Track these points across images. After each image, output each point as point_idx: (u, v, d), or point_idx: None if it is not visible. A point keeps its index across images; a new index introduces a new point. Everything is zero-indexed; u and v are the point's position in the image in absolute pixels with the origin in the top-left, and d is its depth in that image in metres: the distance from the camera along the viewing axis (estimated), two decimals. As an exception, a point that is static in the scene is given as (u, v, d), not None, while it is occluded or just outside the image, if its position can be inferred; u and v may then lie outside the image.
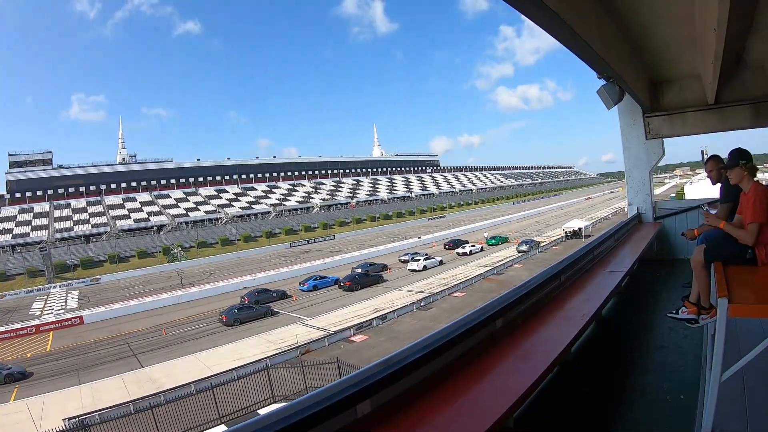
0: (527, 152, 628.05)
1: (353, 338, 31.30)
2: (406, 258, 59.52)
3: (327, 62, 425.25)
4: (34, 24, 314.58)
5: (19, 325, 47.41)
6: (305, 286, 50.15)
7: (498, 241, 67.26)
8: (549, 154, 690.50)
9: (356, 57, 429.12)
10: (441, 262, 55.41)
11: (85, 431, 19.27)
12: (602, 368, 4.66)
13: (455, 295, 39.67)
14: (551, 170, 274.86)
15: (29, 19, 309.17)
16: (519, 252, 55.84)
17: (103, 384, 28.32)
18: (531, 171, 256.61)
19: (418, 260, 55.34)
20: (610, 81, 7.50)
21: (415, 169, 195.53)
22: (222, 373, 25.72)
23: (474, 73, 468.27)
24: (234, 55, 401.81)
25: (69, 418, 21.75)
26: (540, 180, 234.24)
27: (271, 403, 22.28)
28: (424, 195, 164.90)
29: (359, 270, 53.58)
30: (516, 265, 48.76)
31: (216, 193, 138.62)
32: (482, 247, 63.39)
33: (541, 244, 58.80)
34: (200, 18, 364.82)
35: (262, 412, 20.95)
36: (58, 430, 19.91)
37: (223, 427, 20.53)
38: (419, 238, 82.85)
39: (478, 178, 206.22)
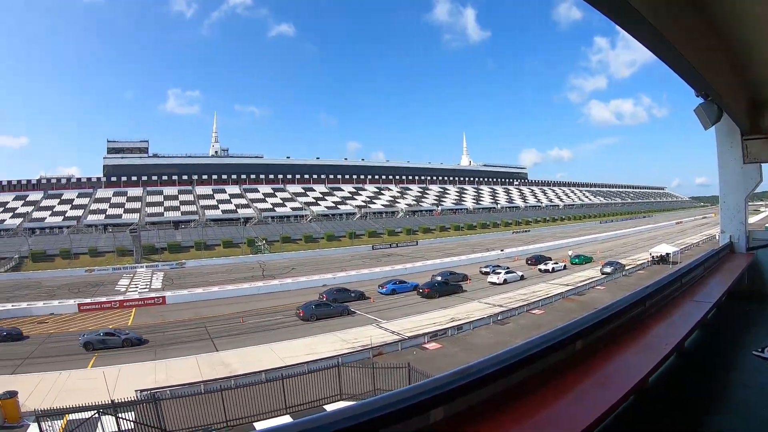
0: (618, 170, 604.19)
1: (427, 345, 30.77)
2: (487, 270, 58.29)
3: (418, 68, 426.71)
4: (135, 22, 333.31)
5: (104, 299, 50.12)
6: (384, 289, 50.00)
7: (582, 260, 64.94)
8: (640, 173, 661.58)
9: (447, 64, 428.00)
10: (522, 277, 54.05)
11: (155, 404, 19.67)
12: (680, 402, 4.24)
13: (533, 312, 38.44)
14: (642, 190, 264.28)
15: (130, 17, 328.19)
16: (602, 273, 53.50)
17: (177, 362, 29.11)
18: (621, 190, 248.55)
19: (499, 273, 54.17)
20: (708, 99, 6.89)
21: (503, 180, 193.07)
22: (294, 365, 25.75)
23: (566, 85, 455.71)
24: (325, 59, 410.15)
25: (141, 390, 22.36)
26: (629, 200, 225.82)
27: (338, 401, 22.15)
28: (509, 207, 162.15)
29: (439, 278, 52.98)
30: (598, 287, 46.76)
31: (303, 190, 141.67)
32: (565, 266, 61.38)
33: (626, 267, 56.33)
34: (294, 21, 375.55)
35: (328, 408, 20.94)
36: (128, 399, 20.48)
37: (288, 418, 20.56)
38: (502, 250, 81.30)
39: (566, 194, 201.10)
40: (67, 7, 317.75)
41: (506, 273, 54.12)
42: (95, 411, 19.20)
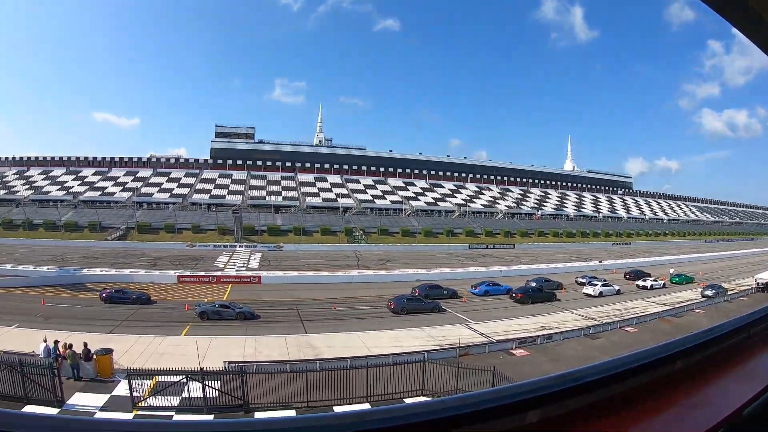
0: (728, 186, 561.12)
1: (514, 351, 29.84)
2: (584, 280, 56.04)
3: (522, 66, 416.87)
4: (243, 13, 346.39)
5: (202, 273, 52.41)
6: (477, 290, 49.02)
7: (682, 279, 61.11)
8: (752, 191, 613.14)
9: (553, 63, 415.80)
10: (618, 291, 51.44)
11: (241, 376, 20.00)
12: None
13: (626, 329, 36.44)
14: (752, 210, 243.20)
15: (239, 8, 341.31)
16: (703, 296, 49.82)
17: (266, 339, 29.60)
18: (729, 208, 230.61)
19: (595, 285, 51.91)
20: None
21: (606, 188, 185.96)
22: (379, 355, 25.76)
23: (676, 91, 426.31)
24: (429, 54, 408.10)
25: (229, 362, 22.97)
26: (738, 219, 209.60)
27: (419, 396, 21.82)
28: (611, 217, 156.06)
29: (533, 284, 51.49)
30: (697, 310, 43.74)
31: (404, 185, 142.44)
32: (664, 284, 57.82)
33: (729, 292, 52.40)
34: (400, 16, 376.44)
35: (409, 402, 20.62)
36: (216, 368, 20.98)
37: (367, 406, 20.38)
38: (600, 261, 77.82)
39: (671, 208, 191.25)
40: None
41: (602, 285, 51.95)
42: (184, 376, 19.77)
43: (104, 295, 39.44)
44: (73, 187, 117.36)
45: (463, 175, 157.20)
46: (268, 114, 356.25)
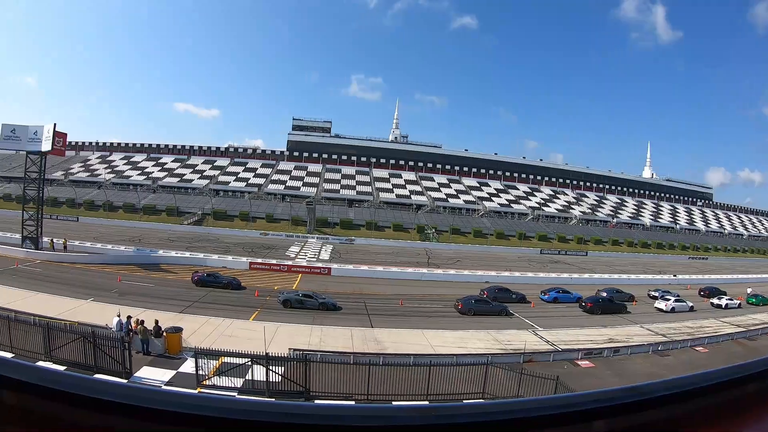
0: None
1: (579, 362, 29.11)
2: (656, 294, 54.20)
3: (601, 68, 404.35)
4: (320, 9, 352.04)
5: (274, 261, 53.61)
6: (546, 296, 48.28)
7: (759, 301, 57.79)
8: None
9: (633, 65, 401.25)
10: (691, 308, 49.32)
11: (305, 364, 20.26)
12: None
13: (697, 349, 34.85)
14: None
15: (315, 3, 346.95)
16: None
17: (332, 330, 29.91)
18: None
19: (668, 300, 49.97)
20: None
21: (685, 198, 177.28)
22: (443, 355, 25.69)
23: (762, 97, 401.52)
24: (507, 54, 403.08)
25: (294, 349, 23.29)
26: None
27: (480, 399, 21.54)
28: (689, 230, 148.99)
29: (604, 294, 50.03)
30: None
31: (478, 184, 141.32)
32: (740, 304, 55.13)
33: None
34: (477, 14, 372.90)
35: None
36: (281, 354, 21.34)
37: (426, 404, 20.33)
38: (674, 276, 74.90)
39: (753, 223, 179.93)
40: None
41: (675, 301, 50.00)
42: (249, 359, 20.23)
43: (196, 278, 40.98)
44: (153, 172, 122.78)
45: (538, 177, 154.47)
46: (344, 109, 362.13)
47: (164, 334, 23.41)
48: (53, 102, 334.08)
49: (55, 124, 46.95)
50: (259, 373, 20.07)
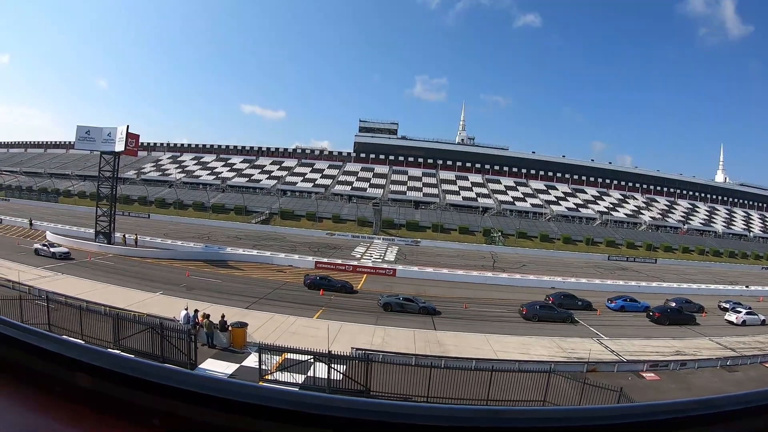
0: None
1: (644, 374, 28.25)
2: (727, 306, 51.82)
3: (670, 65, 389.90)
4: (381, 10, 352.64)
5: (339, 261, 54.19)
6: (613, 304, 46.99)
7: None
8: None
9: (702, 62, 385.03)
10: (763, 322, 47.04)
11: (366, 363, 20.41)
12: None
13: (767, 365, 33.53)
14: None
15: (376, 5, 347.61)
16: None
17: (395, 331, 30.01)
18: None
19: (739, 312, 47.65)
20: None
21: (760, 205, 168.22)
22: (505, 360, 25.31)
23: None
24: (572, 52, 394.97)
25: (356, 348, 23.59)
26: None
27: (541, 407, 21.21)
28: (763, 238, 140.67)
29: (673, 304, 48.30)
30: None
31: (546, 188, 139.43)
32: None
33: None
34: (541, 12, 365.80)
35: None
36: (343, 353, 21.58)
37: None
38: (747, 287, 71.32)
39: None
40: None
41: (747, 313, 47.79)
42: (311, 356, 20.49)
43: (308, 281, 41.96)
44: (222, 172, 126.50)
45: (607, 181, 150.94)
46: (409, 110, 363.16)
47: (230, 328, 24.05)
48: (125, 104, 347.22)
49: (128, 126, 48.87)
50: (320, 370, 20.34)
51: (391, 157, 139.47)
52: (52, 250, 43.50)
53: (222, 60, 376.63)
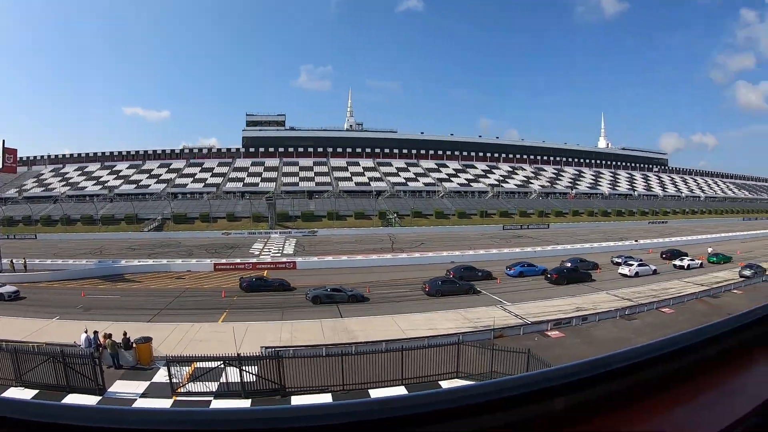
0: None
1: (549, 333, 29.69)
2: (619, 260, 55.39)
3: (550, 42, 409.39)
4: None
5: (238, 260, 53.47)
6: (511, 271, 48.83)
7: (720, 259, 59.52)
8: None
9: (580, 39, 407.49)
10: (654, 272, 50.52)
11: (278, 361, 20.28)
12: None
13: (663, 310, 35.77)
14: None
15: None
16: (741, 276, 48.49)
17: (302, 324, 29.92)
18: None
19: (631, 265, 51.20)
20: None
21: (641, 166, 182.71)
22: (414, 338, 25.84)
23: (708, 64, 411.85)
24: (455, 33, 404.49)
25: (266, 347, 23.32)
26: None
27: (454, 378, 21.85)
28: (647, 195, 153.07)
29: (568, 264, 51.04)
30: (735, 291, 42.65)
31: (436, 166, 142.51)
32: (701, 263, 56.67)
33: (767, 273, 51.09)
34: None
35: (444, 385, 20.75)
36: (254, 354, 21.33)
37: (403, 389, 20.58)
38: (636, 241, 76.72)
39: (708, 185, 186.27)
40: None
41: (639, 265, 51.23)
42: (221, 362, 20.15)
43: (245, 284, 40.99)
44: (108, 181, 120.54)
45: (496, 155, 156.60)
46: (296, 101, 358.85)
47: (134, 345, 22.99)
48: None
49: (3, 141, 45.69)
50: (233, 374, 20.02)
51: (281, 149, 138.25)
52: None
53: (100, 60, 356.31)
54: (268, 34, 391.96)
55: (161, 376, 21.19)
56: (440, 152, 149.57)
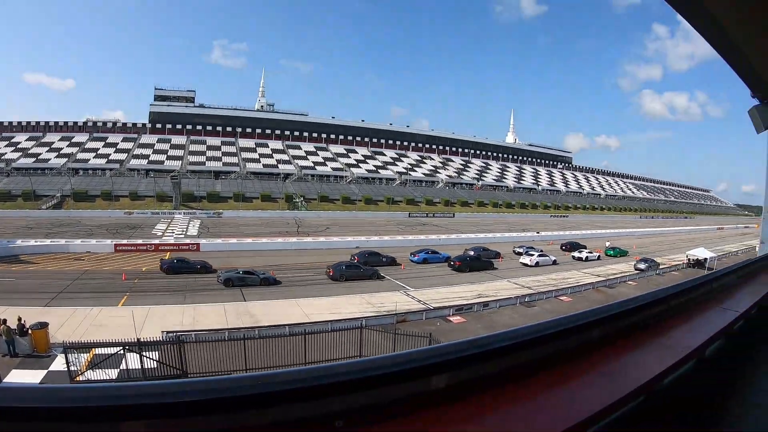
0: (665, 165, 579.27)
1: (451, 318, 30.78)
2: (521, 250, 57.95)
3: (467, 38, 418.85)
4: None
5: (140, 241, 52.00)
6: (416, 258, 50.02)
7: (617, 253, 63.61)
8: (687, 172, 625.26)
9: (497, 37, 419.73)
10: (554, 262, 53.41)
11: (179, 346, 20.24)
12: (691, 410, 4.15)
13: (561, 298, 37.99)
14: (686, 190, 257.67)
15: None
16: (636, 269, 52.37)
17: (205, 308, 29.80)
18: (665, 186, 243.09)
19: (532, 255, 53.77)
20: (764, 102, 6.60)
21: (546, 162, 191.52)
22: (317, 322, 26.12)
23: (618, 71, 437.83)
24: (373, 20, 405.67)
25: (167, 332, 23.08)
26: (673, 198, 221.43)
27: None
28: (550, 190, 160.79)
29: (472, 252, 52.91)
30: (630, 282, 45.71)
31: (346, 152, 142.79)
32: (599, 256, 60.22)
33: (661, 266, 54.72)
34: None
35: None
36: (154, 339, 21.16)
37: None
38: (538, 233, 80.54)
39: (609, 184, 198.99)
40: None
41: (539, 256, 53.85)
42: (121, 348, 19.83)
43: (165, 266, 40.17)
44: (5, 154, 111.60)
45: (405, 143, 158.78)
46: (208, 77, 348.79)
47: (30, 331, 21.95)
48: None
49: None
50: (133, 360, 19.73)
51: (189, 127, 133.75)
52: None
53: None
54: (180, 3, 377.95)
55: (59, 363, 20.46)
56: (350, 138, 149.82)
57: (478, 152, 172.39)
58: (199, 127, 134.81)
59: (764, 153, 9.51)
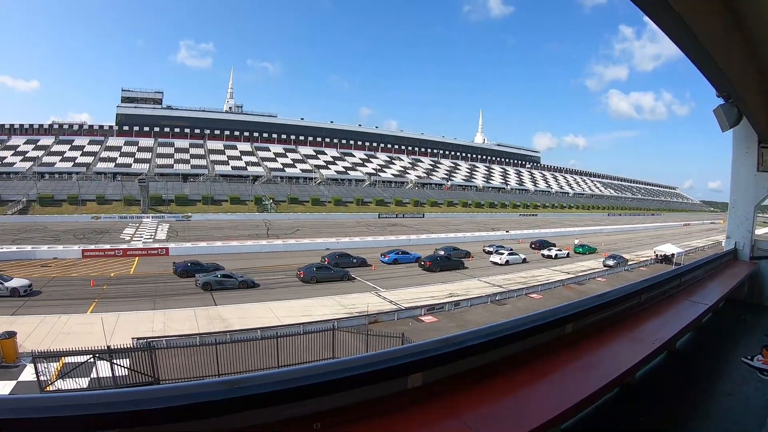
0: (632, 164, 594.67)
1: (423, 318, 30.98)
2: (491, 249, 58.36)
3: (435, 39, 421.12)
4: None
5: (108, 246, 50.96)
6: (386, 258, 50.23)
7: (586, 250, 64.75)
8: (654, 170, 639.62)
9: (466, 37, 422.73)
10: (524, 260, 54.00)
11: (150, 353, 19.98)
12: (663, 401, 4.27)
13: (532, 296, 38.46)
14: (653, 188, 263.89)
15: None
16: (605, 266, 53.46)
17: (175, 313, 29.48)
18: (632, 184, 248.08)
19: (502, 254, 54.22)
20: (729, 101, 6.78)
21: (515, 162, 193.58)
22: (289, 325, 26.15)
23: (585, 71, 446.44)
24: (342, 20, 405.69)
25: (138, 338, 22.69)
26: (640, 196, 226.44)
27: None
28: (519, 190, 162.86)
29: (442, 252, 53.26)
30: (599, 279, 46.43)
31: (315, 153, 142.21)
32: (568, 253, 61.28)
33: (629, 262, 55.86)
34: None
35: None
36: (125, 346, 20.80)
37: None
38: (507, 231, 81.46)
39: (577, 183, 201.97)
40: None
41: (509, 254, 54.34)
42: (91, 356, 19.52)
43: (179, 269, 40.79)
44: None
45: (374, 144, 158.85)
46: (175, 79, 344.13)
47: None
48: None
49: None
50: (104, 368, 19.43)
51: (156, 129, 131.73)
52: None
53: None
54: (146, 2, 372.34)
55: (29, 373, 20.06)
56: (319, 139, 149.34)
57: (447, 152, 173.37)
58: (166, 129, 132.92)
59: (729, 150, 9.82)
